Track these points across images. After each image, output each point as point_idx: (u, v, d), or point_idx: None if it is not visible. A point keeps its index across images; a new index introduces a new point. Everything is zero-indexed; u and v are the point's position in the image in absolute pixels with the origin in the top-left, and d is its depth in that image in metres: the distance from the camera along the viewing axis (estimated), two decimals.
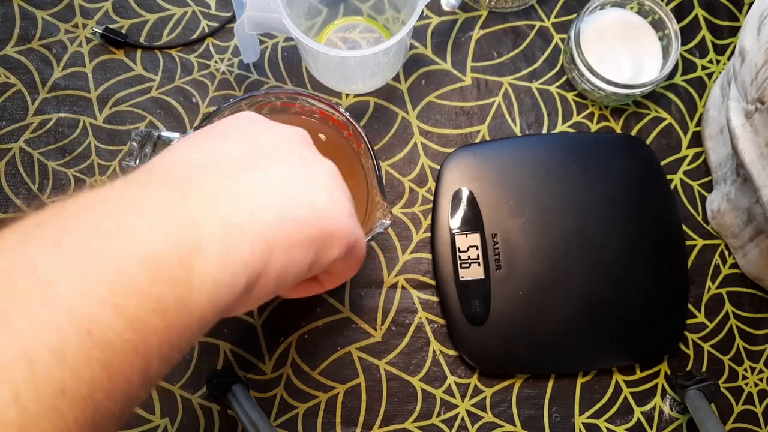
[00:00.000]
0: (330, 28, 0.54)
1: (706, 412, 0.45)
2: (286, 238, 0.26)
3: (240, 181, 0.26)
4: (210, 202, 0.24)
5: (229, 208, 0.25)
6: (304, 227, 0.27)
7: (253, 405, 0.45)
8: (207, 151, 0.28)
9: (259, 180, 0.26)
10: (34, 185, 0.51)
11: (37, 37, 0.53)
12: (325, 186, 0.29)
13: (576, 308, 0.48)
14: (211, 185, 0.25)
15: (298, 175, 0.28)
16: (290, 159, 0.29)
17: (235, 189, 0.25)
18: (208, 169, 0.26)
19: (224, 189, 0.25)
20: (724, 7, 0.55)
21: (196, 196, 0.24)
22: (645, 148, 0.52)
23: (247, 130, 0.30)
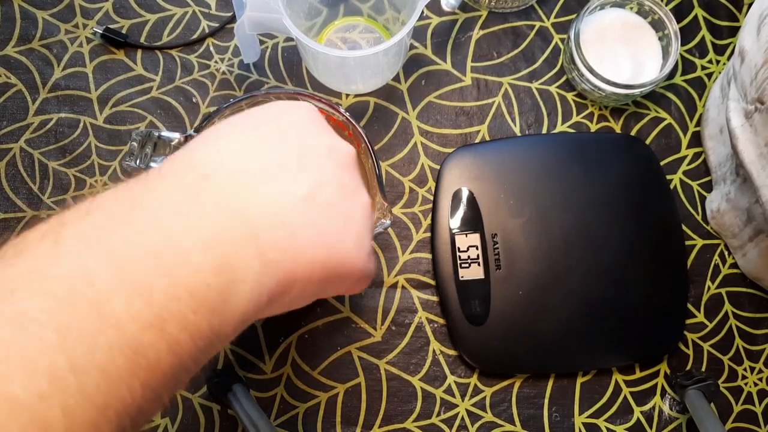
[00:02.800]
0: (330, 28, 0.54)
1: (706, 412, 0.45)
2: (308, 277, 0.26)
3: (280, 203, 0.26)
4: (251, 227, 0.25)
5: (268, 239, 0.25)
6: (328, 270, 0.27)
7: (254, 405, 0.45)
8: (252, 151, 0.27)
9: (298, 207, 0.26)
10: (34, 185, 0.51)
11: (38, 37, 0.53)
12: (358, 230, 0.28)
13: (576, 308, 0.48)
14: (254, 204, 0.25)
15: (338, 212, 0.28)
16: (334, 183, 0.28)
17: (276, 215, 0.25)
18: (253, 178, 0.26)
19: (265, 212, 0.25)
20: (724, 7, 0.55)
21: (239, 218, 0.24)
22: (645, 148, 0.52)
23: (297, 130, 0.29)
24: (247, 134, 0.28)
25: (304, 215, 0.26)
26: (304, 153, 0.28)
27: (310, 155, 0.28)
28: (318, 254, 0.26)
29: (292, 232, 0.25)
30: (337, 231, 0.27)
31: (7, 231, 0.50)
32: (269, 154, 0.27)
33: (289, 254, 0.25)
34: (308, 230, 0.26)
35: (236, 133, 0.28)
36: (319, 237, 0.26)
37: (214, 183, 0.25)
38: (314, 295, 0.28)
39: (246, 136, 0.27)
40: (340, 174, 0.28)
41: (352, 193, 0.29)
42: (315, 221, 0.26)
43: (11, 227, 0.50)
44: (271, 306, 0.26)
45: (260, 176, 0.26)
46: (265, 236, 0.25)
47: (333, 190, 0.28)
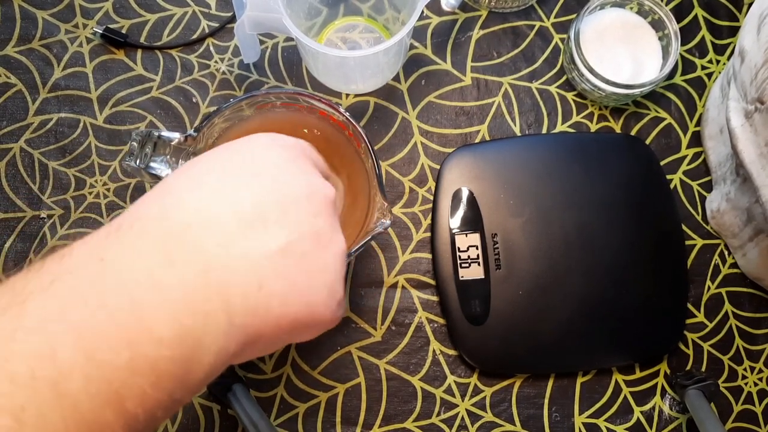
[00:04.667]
0: (330, 28, 0.54)
1: (706, 412, 0.45)
2: (276, 331, 0.26)
3: (254, 259, 0.25)
4: (222, 288, 0.24)
5: (238, 300, 0.24)
6: (297, 323, 0.27)
7: (254, 404, 0.45)
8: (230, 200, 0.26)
9: (272, 261, 0.25)
10: (34, 185, 0.51)
11: (38, 37, 0.53)
12: (331, 280, 0.28)
13: (576, 308, 0.48)
14: (228, 261, 0.24)
15: (312, 263, 0.27)
16: (310, 234, 0.27)
17: (248, 272, 0.25)
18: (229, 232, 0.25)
19: (238, 269, 0.24)
20: (724, 7, 0.55)
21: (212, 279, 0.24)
22: (645, 148, 0.52)
23: (276, 172, 0.28)
24: (226, 180, 0.27)
25: (277, 270, 0.25)
26: (282, 200, 0.27)
27: (288, 203, 0.27)
28: (288, 309, 0.26)
29: (263, 288, 0.25)
30: (309, 283, 0.27)
31: (8, 231, 0.50)
32: (247, 204, 0.26)
33: (259, 313, 0.25)
34: (280, 285, 0.25)
35: (215, 178, 0.27)
36: (290, 291, 0.26)
37: (189, 239, 0.24)
38: (282, 344, 0.28)
39: (225, 183, 0.27)
40: (317, 222, 0.28)
41: (327, 242, 0.28)
42: (288, 275, 0.26)
43: (11, 227, 0.50)
44: (234, 359, 0.26)
45: (236, 229, 0.25)
46: (235, 297, 0.24)
47: (308, 241, 0.27)
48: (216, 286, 0.24)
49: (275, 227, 0.26)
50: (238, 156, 0.28)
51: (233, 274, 0.24)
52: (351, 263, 0.51)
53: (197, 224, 0.25)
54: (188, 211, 0.25)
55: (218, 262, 0.24)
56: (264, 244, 0.25)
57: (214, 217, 0.25)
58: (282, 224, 0.26)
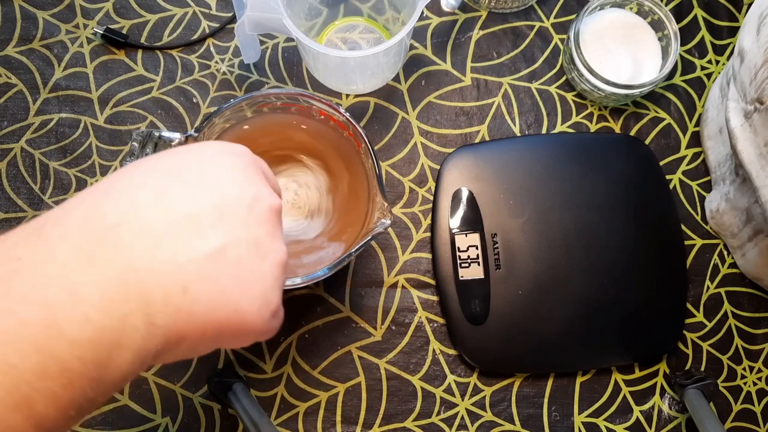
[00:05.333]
0: (330, 28, 0.54)
1: (705, 411, 0.45)
2: (201, 335, 0.26)
3: (180, 262, 0.25)
4: (143, 290, 0.24)
5: (159, 301, 0.24)
6: (224, 329, 0.26)
7: (254, 404, 0.45)
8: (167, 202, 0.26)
9: (199, 265, 0.25)
10: (35, 185, 0.51)
11: (38, 38, 0.53)
12: (264, 290, 0.27)
13: (575, 308, 0.48)
14: (153, 263, 0.24)
15: (246, 270, 0.26)
16: (246, 241, 0.27)
17: (173, 273, 0.24)
18: (158, 233, 0.25)
19: (162, 271, 0.24)
20: (724, 8, 0.56)
21: (133, 280, 0.24)
22: (644, 148, 0.52)
23: (223, 178, 0.28)
24: (167, 181, 0.26)
25: (205, 274, 0.25)
26: (222, 206, 0.27)
27: (228, 209, 0.27)
28: (215, 315, 0.25)
29: (188, 292, 0.25)
30: (240, 291, 0.26)
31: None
32: (184, 206, 0.26)
33: (182, 316, 0.25)
34: (206, 289, 0.25)
35: (157, 179, 0.27)
36: (218, 296, 0.25)
37: (113, 239, 0.24)
38: (209, 348, 0.27)
39: (165, 184, 0.26)
40: (257, 231, 0.27)
41: (265, 252, 0.27)
42: (217, 280, 0.25)
43: (12, 227, 0.50)
44: (156, 360, 0.26)
45: (167, 231, 0.25)
46: (157, 299, 0.24)
47: (244, 249, 0.26)
48: (136, 287, 0.23)
49: (209, 231, 0.26)
50: (184, 161, 0.28)
51: (156, 276, 0.24)
52: (351, 263, 0.51)
53: (125, 225, 0.24)
54: (118, 211, 0.25)
55: (141, 263, 0.24)
56: (193, 247, 0.25)
57: (145, 218, 0.25)
58: (217, 229, 0.26)
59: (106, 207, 0.25)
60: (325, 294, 0.50)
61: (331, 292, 0.50)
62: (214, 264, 0.25)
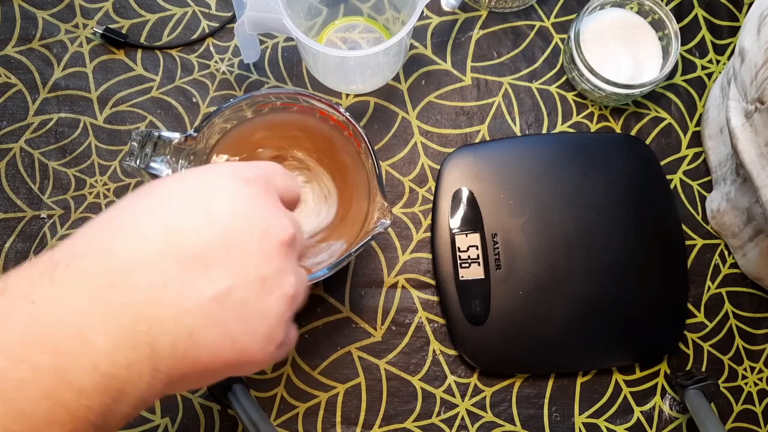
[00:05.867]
0: (330, 28, 0.54)
1: (706, 412, 0.45)
2: (203, 372, 0.26)
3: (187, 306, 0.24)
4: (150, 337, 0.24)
5: (165, 348, 0.24)
6: (227, 365, 0.26)
7: (254, 404, 0.45)
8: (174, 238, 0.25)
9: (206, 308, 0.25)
10: (34, 185, 0.51)
11: (38, 37, 0.53)
12: (269, 326, 0.27)
13: (576, 308, 0.48)
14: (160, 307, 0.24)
15: (251, 310, 0.26)
16: (253, 280, 0.26)
17: (180, 318, 0.24)
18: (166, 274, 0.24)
19: (168, 316, 0.24)
20: (724, 7, 0.55)
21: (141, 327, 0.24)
22: (645, 148, 0.52)
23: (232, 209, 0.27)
24: (176, 214, 0.26)
25: (211, 317, 0.25)
26: (230, 242, 0.26)
27: (236, 244, 0.26)
28: (217, 356, 0.26)
29: (193, 337, 0.25)
30: (244, 330, 0.26)
31: (8, 231, 0.50)
32: (193, 244, 0.25)
33: (187, 362, 0.25)
34: (212, 333, 0.25)
35: (163, 212, 0.26)
36: (223, 338, 0.25)
37: (124, 283, 0.24)
38: (211, 382, 0.28)
39: (175, 218, 0.26)
40: (265, 266, 0.27)
41: (272, 287, 0.27)
42: (222, 322, 0.25)
43: (11, 227, 0.50)
44: (156, 398, 0.26)
45: (175, 272, 0.24)
46: (163, 346, 0.24)
47: (250, 288, 0.26)
48: (144, 336, 0.24)
49: (217, 271, 0.25)
50: (192, 189, 0.27)
51: (164, 323, 0.24)
52: (351, 263, 0.51)
53: (137, 266, 0.24)
54: (129, 249, 0.24)
55: (151, 310, 0.24)
56: (200, 290, 0.25)
57: (154, 257, 0.24)
58: (224, 268, 0.25)
59: (116, 247, 0.24)
60: (325, 294, 0.50)
61: (331, 292, 0.50)
62: (220, 306, 0.25)
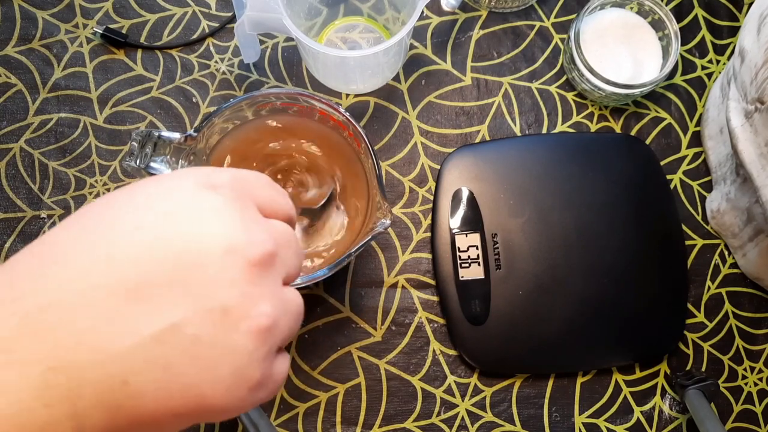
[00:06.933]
0: (330, 28, 0.54)
1: (706, 412, 0.45)
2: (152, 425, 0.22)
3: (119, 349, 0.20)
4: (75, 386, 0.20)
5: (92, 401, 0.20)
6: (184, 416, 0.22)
7: None
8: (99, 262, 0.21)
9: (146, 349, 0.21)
10: (34, 185, 0.51)
11: (38, 37, 0.53)
12: (236, 365, 0.22)
13: (576, 308, 0.48)
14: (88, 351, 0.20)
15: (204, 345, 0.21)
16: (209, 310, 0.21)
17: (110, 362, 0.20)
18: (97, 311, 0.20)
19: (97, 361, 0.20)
20: (724, 7, 0.55)
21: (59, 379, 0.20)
22: (645, 148, 0.52)
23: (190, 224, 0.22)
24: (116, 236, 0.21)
25: (152, 359, 0.20)
26: (183, 265, 0.21)
27: (191, 267, 0.21)
28: (168, 404, 0.21)
29: (129, 384, 0.20)
30: (200, 373, 0.21)
31: (8, 231, 0.50)
32: (135, 271, 0.21)
33: (123, 412, 0.20)
34: (154, 377, 0.21)
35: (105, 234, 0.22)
36: (170, 384, 0.21)
37: (39, 328, 0.20)
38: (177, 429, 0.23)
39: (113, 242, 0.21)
40: (226, 294, 0.22)
41: (237, 318, 0.22)
42: (168, 365, 0.21)
43: (11, 227, 0.50)
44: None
45: (107, 309, 0.20)
46: (87, 398, 0.20)
47: (205, 321, 0.21)
48: (58, 390, 0.20)
49: (161, 304, 0.21)
50: (144, 204, 0.23)
51: (87, 372, 0.20)
52: (351, 263, 0.51)
53: (55, 304, 0.20)
54: (53, 284, 0.20)
55: (68, 357, 0.20)
56: (138, 328, 0.20)
57: (81, 293, 0.20)
58: (171, 300, 0.21)
59: (39, 280, 0.20)
60: (325, 294, 0.50)
61: (331, 292, 0.50)
62: (165, 346, 0.21)
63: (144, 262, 0.21)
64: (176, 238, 0.22)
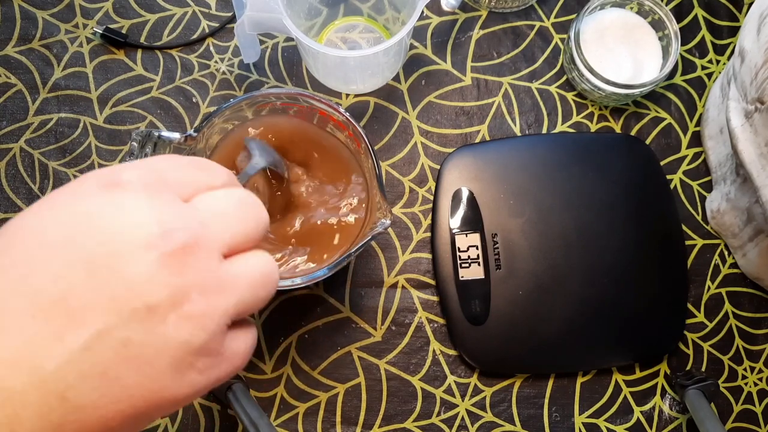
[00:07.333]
0: (330, 28, 0.54)
1: (706, 412, 0.45)
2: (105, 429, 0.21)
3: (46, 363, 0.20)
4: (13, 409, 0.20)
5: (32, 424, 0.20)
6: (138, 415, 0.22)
7: (254, 404, 0.45)
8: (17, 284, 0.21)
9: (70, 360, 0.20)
10: (34, 185, 0.51)
11: (38, 37, 0.53)
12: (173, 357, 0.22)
13: (576, 308, 0.48)
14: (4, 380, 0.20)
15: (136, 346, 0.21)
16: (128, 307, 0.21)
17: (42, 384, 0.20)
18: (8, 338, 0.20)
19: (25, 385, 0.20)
20: (724, 7, 0.55)
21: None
22: (645, 148, 0.52)
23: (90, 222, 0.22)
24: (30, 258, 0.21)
25: (86, 370, 0.20)
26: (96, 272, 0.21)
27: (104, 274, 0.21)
28: (112, 408, 0.21)
29: (68, 400, 0.20)
30: (138, 372, 0.21)
31: None
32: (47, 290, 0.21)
33: (70, 425, 0.20)
34: (92, 388, 0.20)
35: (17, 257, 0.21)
36: (109, 388, 0.21)
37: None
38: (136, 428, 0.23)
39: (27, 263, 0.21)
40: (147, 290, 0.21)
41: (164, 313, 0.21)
42: (103, 372, 0.21)
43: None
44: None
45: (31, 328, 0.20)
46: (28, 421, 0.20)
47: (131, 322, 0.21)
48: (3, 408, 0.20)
49: (83, 314, 0.21)
50: (52, 217, 0.22)
51: (21, 396, 0.20)
52: (351, 263, 0.51)
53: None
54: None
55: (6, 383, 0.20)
56: (65, 344, 0.20)
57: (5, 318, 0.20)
58: (93, 308, 0.21)
59: None
60: (324, 294, 0.50)
61: (331, 292, 0.50)
62: (95, 355, 0.21)
63: (60, 275, 0.21)
64: (87, 243, 0.21)
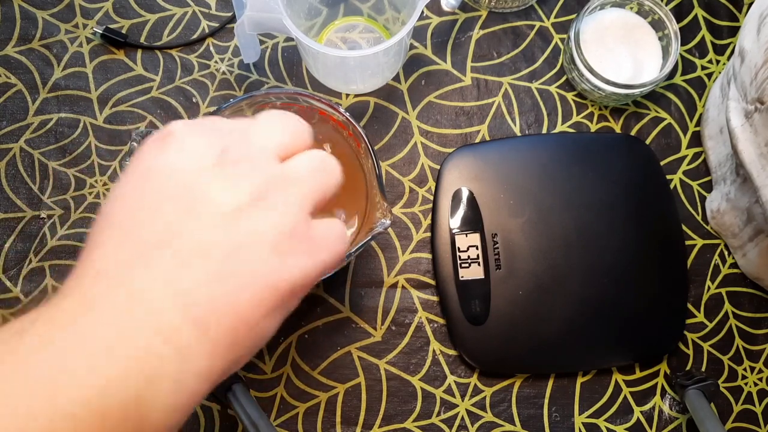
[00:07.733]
0: (330, 28, 0.54)
1: (706, 412, 0.45)
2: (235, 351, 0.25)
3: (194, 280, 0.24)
4: (158, 318, 0.23)
5: (178, 323, 0.23)
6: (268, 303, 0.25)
7: (253, 404, 0.45)
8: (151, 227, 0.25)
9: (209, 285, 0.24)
10: (34, 185, 0.51)
11: (38, 37, 0.53)
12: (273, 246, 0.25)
13: (576, 308, 0.48)
14: (154, 292, 0.23)
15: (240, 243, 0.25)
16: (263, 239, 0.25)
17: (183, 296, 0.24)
18: (152, 263, 0.24)
19: (168, 296, 0.23)
20: (724, 7, 0.55)
21: (141, 312, 0.23)
22: (645, 148, 0.52)
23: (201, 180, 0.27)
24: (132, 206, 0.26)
25: (208, 281, 0.24)
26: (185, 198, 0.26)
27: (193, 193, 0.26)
28: (243, 301, 0.25)
29: (197, 306, 0.24)
30: (248, 262, 0.25)
31: (8, 231, 0.50)
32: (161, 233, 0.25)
33: (210, 334, 0.24)
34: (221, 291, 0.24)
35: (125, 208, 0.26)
36: (233, 284, 0.25)
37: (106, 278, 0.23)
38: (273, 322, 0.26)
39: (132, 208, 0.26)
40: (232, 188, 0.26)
41: (250, 209, 0.26)
42: (222, 275, 0.24)
43: (11, 227, 0.50)
44: (222, 375, 0.25)
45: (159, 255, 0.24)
46: (174, 320, 0.23)
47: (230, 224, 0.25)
48: (146, 313, 0.23)
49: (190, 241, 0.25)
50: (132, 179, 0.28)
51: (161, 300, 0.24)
52: (351, 263, 0.51)
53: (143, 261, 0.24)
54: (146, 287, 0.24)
55: (142, 291, 0.24)
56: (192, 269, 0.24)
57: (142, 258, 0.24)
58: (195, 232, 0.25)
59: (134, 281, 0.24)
60: (324, 294, 0.50)
61: (331, 292, 0.50)
62: (212, 263, 0.24)
63: (168, 220, 0.25)
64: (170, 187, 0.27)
